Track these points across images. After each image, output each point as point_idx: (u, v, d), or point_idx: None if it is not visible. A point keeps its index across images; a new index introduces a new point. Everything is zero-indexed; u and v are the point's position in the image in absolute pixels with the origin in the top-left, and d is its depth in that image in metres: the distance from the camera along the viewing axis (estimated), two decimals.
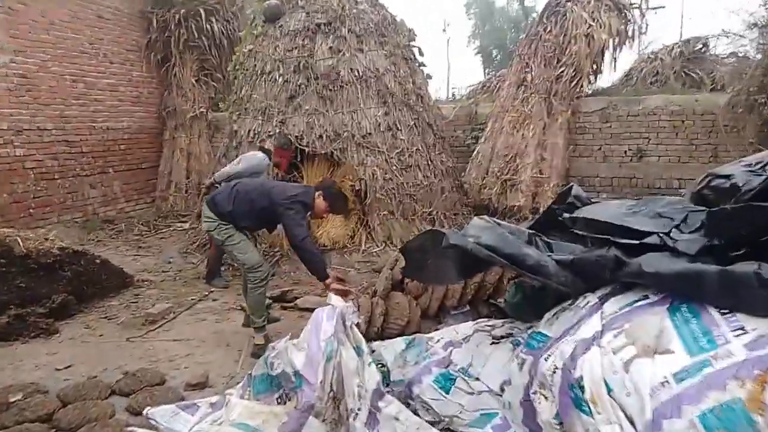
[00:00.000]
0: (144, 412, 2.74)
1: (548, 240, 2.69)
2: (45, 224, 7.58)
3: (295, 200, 3.60)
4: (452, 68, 43.76)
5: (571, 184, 3.19)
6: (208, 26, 9.52)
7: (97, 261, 4.97)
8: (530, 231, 2.74)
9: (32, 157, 7.51)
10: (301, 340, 2.65)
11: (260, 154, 5.39)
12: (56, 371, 3.51)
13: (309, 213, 3.77)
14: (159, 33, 9.45)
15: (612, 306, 2.27)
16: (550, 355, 2.26)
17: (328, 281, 3.41)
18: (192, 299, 5.02)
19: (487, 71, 25.91)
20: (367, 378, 2.60)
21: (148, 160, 9.69)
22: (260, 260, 3.84)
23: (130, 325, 4.36)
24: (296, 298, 4.81)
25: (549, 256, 2.52)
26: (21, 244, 4.38)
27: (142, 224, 8.34)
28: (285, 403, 2.58)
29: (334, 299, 3.00)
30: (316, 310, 2.80)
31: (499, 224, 2.70)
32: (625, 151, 8.22)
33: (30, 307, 4.24)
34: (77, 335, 4.17)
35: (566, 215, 2.79)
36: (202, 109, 9.87)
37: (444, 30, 31.04)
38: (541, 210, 7.92)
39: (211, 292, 5.23)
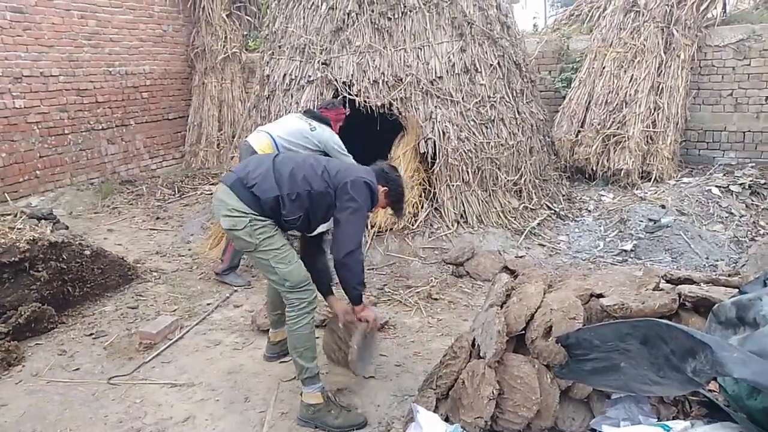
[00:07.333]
0: None
1: None
2: (55, 187, 6.55)
3: (363, 187, 2.45)
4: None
5: None
6: None
7: (86, 253, 3.78)
8: None
9: (36, 108, 6.34)
10: None
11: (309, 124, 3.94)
12: None
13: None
14: None
15: None
16: None
17: (359, 308, 2.57)
18: (208, 305, 3.79)
19: (551, 3, 22.96)
20: None
21: (174, 110, 8.42)
22: (307, 276, 2.49)
23: (118, 351, 3.18)
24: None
25: None
26: None
27: (166, 186, 7.17)
28: None
29: (423, 416, 1.65)
30: None
31: None
32: (767, 98, 6.33)
33: None
34: (44, 368, 3.01)
35: None
36: (234, 49, 8.47)
37: None
38: (655, 175, 6.33)
39: (234, 292, 3.99)
